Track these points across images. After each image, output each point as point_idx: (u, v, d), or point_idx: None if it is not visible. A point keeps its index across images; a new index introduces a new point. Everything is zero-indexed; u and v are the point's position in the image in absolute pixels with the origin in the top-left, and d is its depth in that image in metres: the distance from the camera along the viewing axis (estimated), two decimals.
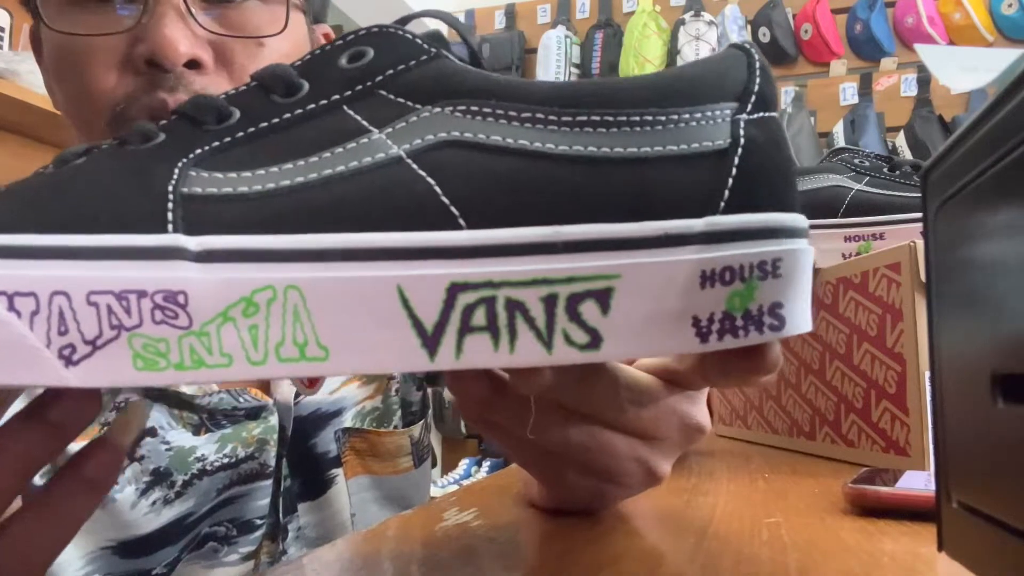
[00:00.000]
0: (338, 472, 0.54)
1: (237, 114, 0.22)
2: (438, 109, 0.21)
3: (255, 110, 0.22)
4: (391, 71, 0.23)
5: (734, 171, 0.21)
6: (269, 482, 0.50)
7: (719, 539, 0.28)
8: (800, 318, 0.21)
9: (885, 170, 0.60)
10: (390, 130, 0.21)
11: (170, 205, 0.19)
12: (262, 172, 0.20)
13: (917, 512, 0.31)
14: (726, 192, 0.21)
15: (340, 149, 0.20)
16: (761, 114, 0.22)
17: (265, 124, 0.21)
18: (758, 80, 0.22)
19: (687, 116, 0.21)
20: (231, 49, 0.45)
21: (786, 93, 2.58)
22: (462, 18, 3.33)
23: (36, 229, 0.18)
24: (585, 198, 0.20)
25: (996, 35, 2.42)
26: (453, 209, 0.19)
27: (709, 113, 0.22)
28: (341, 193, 0.19)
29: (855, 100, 2.52)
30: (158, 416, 0.48)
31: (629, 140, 0.21)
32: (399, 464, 0.57)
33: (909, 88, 2.48)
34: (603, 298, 0.20)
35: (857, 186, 0.59)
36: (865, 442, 0.49)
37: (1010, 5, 2.37)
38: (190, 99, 0.22)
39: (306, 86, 0.23)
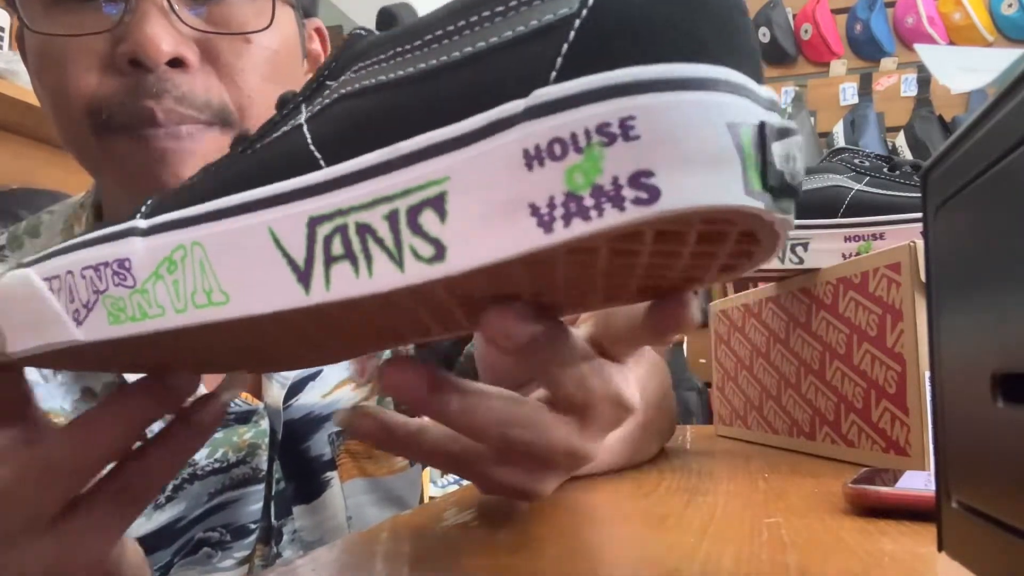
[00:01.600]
0: (333, 475, 0.54)
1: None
2: (344, 77, 0.23)
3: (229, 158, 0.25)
4: (333, 63, 0.24)
5: (571, 35, 0.19)
6: (261, 486, 0.50)
7: (719, 539, 0.28)
8: (692, 189, 0.17)
9: (885, 170, 0.60)
10: (312, 110, 0.23)
11: (143, 209, 0.24)
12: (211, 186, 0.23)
13: (917, 512, 0.31)
14: (558, 60, 0.18)
15: (269, 138, 0.23)
16: None
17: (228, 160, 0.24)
18: None
19: (519, 3, 0.20)
20: (216, 47, 0.44)
21: (786, 93, 2.58)
22: None
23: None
24: (419, 113, 0.20)
25: (996, 35, 2.42)
26: (316, 154, 0.21)
27: None
28: (249, 166, 0.23)
29: (855, 100, 2.53)
30: None
31: (466, 42, 0.20)
32: (394, 463, 0.57)
33: (909, 88, 2.48)
34: (438, 204, 0.19)
35: (857, 186, 0.59)
36: (865, 442, 0.49)
37: (1010, 5, 2.37)
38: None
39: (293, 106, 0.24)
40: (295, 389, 0.52)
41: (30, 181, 1.63)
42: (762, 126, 0.18)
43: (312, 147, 0.21)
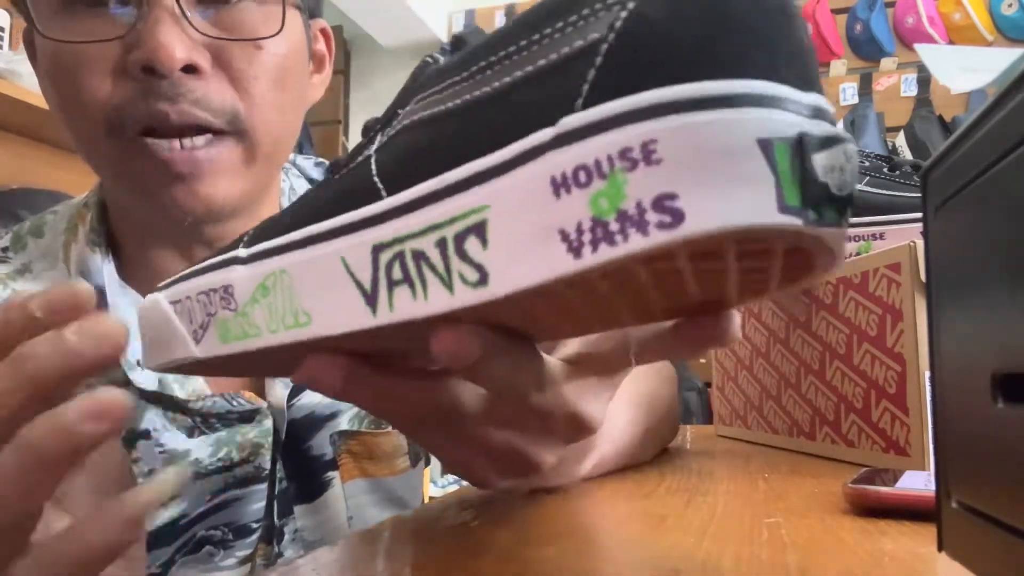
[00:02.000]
0: (334, 475, 0.54)
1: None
2: (408, 107, 0.24)
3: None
4: (405, 91, 0.25)
5: (598, 60, 0.19)
6: (264, 486, 0.50)
7: (719, 539, 0.28)
8: (717, 211, 0.17)
9: (885, 170, 0.60)
10: (382, 140, 0.24)
11: (245, 238, 0.26)
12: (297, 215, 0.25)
13: (917, 512, 0.31)
14: (584, 87, 0.19)
15: (351, 165, 0.25)
16: None
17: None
18: None
19: (562, 25, 0.20)
20: (228, 53, 0.44)
21: None
22: (462, 18, 3.33)
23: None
24: (463, 143, 0.20)
25: (996, 35, 2.42)
26: (379, 184, 0.22)
27: (589, 11, 0.19)
28: (329, 194, 0.24)
29: (855, 100, 2.52)
30: (152, 418, 0.48)
31: (505, 72, 0.21)
32: (396, 465, 0.57)
33: (909, 88, 2.48)
34: (480, 232, 0.20)
35: (857, 186, 0.59)
36: (865, 442, 0.49)
37: (1010, 5, 2.37)
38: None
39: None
40: (298, 388, 0.52)
41: (30, 181, 1.63)
42: (800, 138, 0.18)
43: (376, 177, 0.23)
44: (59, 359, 0.24)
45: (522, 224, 0.19)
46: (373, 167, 0.23)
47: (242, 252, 0.26)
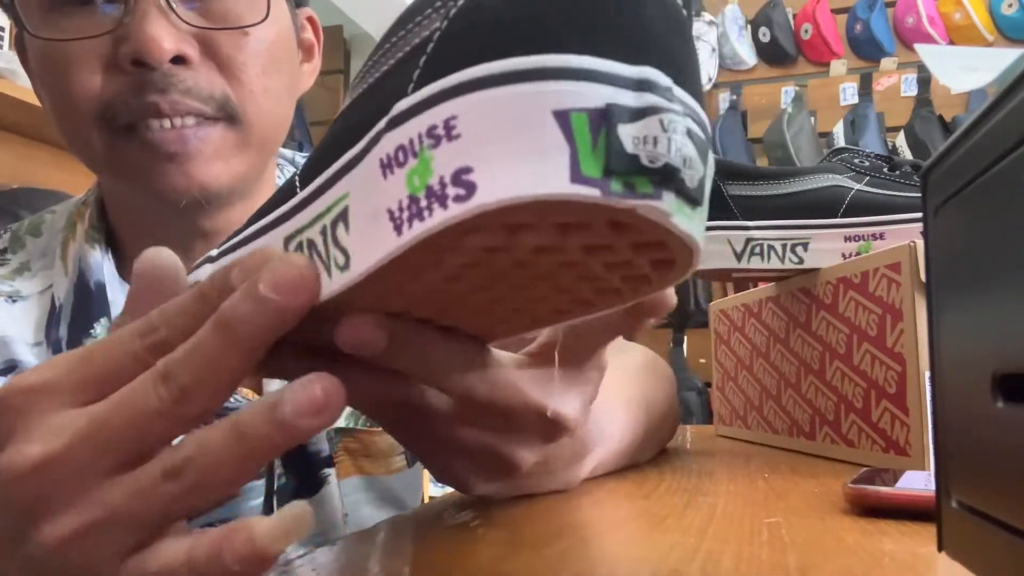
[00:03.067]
0: (330, 472, 0.54)
1: None
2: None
3: None
4: None
5: (430, 48, 0.19)
6: (262, 482, 0.50)
7: (719, 539, 0.28)
8: (506, 182, 0.17)
9: (885, 170, 0.60)
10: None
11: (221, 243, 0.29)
12: None
13: (917, 512, 0.31)
14: (416, 73, 0.19)
15: None
16: None
17: None
18: None
19: (419, 18, 0.20)
20: (216, 41, 0.45)
21: (786, 93, 2.58)
22: None
23: None
24: (344, 136, 0.22)
25: (996, 35, 2.42)
26: (297, 181, 0.24)
27: (440, 3, 0.20)
28: (273, 197, 0.26)
29: (855, 100, 2.53)
30: None
31: (374, 69, 0.22)
32: (392, 463, 0.57)
33: (909, 88, 2.48)
34: (345, 218, 0.21)
35: (857, 186, 0.59)
36: (865, 442, 0.49)
37: (1010, 5, 2.37)
38: None
39: None
40: None
41: (30, 181, 1.63)
42: (607, 109, 0.17)
43: (296, 176, 0.24)
44: (265, 318, 0.21)
45: (366, 207, 0.20)
46: (300, 167, 0.25)
47: (214, 252, 0.28)
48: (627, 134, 0.17)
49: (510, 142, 0.17)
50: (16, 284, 0.50)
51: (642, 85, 0.18)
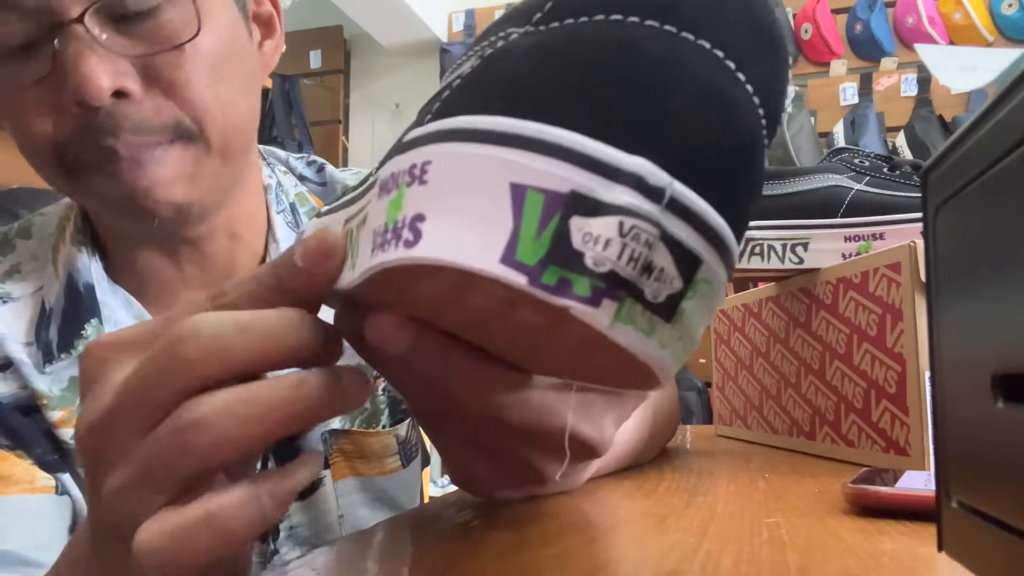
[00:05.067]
0: (325, 474, 0.54)
1: None
2: None
3: None
4: None
5: (456, 83, 0.19)
6: None
7: (719, 539, 0.28)
8: (460, 245, 0.17)
9: (885, 170, 0.60)
10: None
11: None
12: None
13: (917, 512, 0.31)
14: (435, 106, 0.19)
15: None
16: (543, 26, 0.18)
17: None
18: None
19: (476, 48, 0.21)
20: (155, 65, 0.43)
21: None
22: (462, 18, 3.33)
23: None
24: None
25: (996, 35, 2.42)
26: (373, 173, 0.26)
27: (493, 37, 0.20)
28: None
29: (855, 100, 2.53)
30: None
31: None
32: (386, 465, 0.57)
33: (909, 88, 2.48)
34: (364, 222, 0.22)
35: (857, 186, 0.59)
36: (865, 442, 0.49)
37: (1010, 5, 2.38)
38: None
39: None
40: None
41: (30, 181, 1.63)
42: (569, 196, 0.16)
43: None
44: (298, 281, 0.23)
45: (370, 221, 0.20)
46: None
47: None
48: (578, 228, 0.16)
49: (464, 202, 0.17)
50: (6, 286, 0.50)
51: (624, 178, 0.16)
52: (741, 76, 0.17)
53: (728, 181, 0.17)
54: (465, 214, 0.17)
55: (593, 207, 0.16)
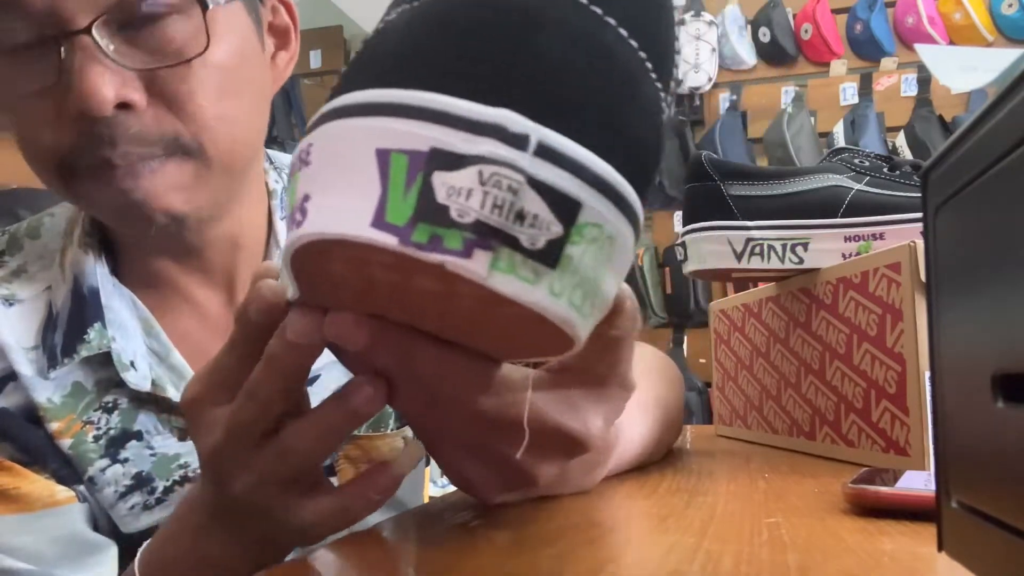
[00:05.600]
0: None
1: None
2: None
3: None
4: None
5: (346, 66, 0.20)
6: None
7: (719, 539, 0.28)
8: (335, 216, 0.17)
9: (885, 170, 0.60)
10: None
11: None
12: None
13: (917, 512, 0.31)
14: (335, 87, 0.20)
15: None
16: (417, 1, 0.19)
17: None
18: None
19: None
20: (160, 78, 0.43)
21: (786, 93, 2.58)
22: None
23: None
24: None
25: (996, 35, 2.42)
26: None
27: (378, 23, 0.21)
28: None
29: (855, 100, 2.53)
30: (145, 420, 0.48)
31: None
32: None
33: (909, 88, 2.48)
34: None
35: (857, 186, 0.59)
36: (865, 442, 0.49)
37: (1010, 5, 2.37)
38: None
39: None
40: None
41: (30, 181, 1.63)
42: (430, 153, 0.16)
43: None
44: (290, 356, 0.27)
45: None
46: None
47: None
48: (442, 182, 0.16)
49: (338, 176, 0.17)
50: (12, 287, 0.50)
51: (485, 130, 0.16)
52: (611, 20, 0.18)
53: (608, 128, 0.17)
54: (340, 186, 0.17)
55: (455, 161, 0.16)
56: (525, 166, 0.16)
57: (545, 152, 0.17)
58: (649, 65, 0.18)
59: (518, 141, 0.16)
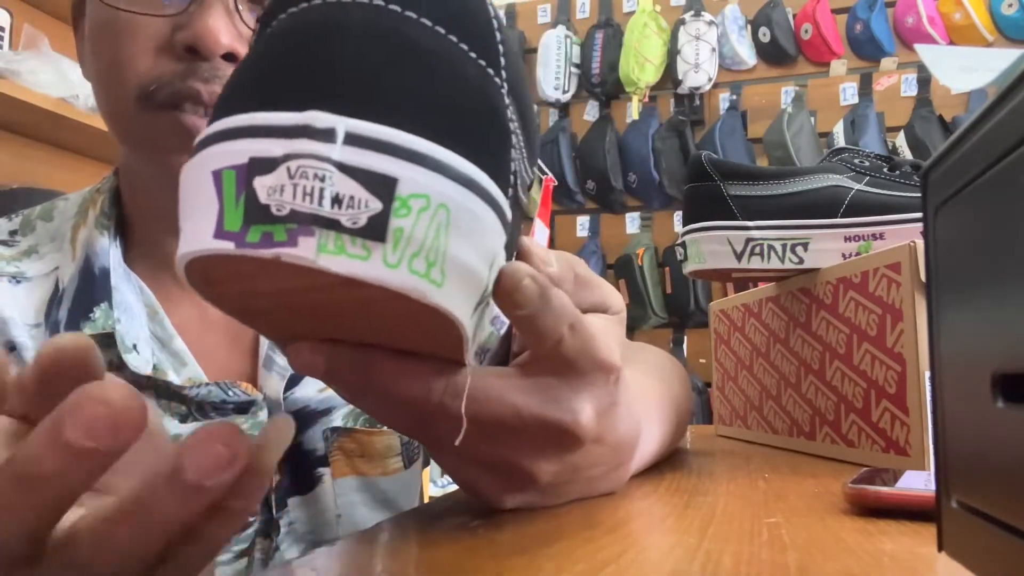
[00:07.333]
0: (325, 471, 0.54)
1: None
2: None
3: None
4: None
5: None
6: None
7: (719, 539, 0.28)
8: (189, 238, 0.19)
9: (885, 170, 0.60)
10: None
11: None
12: None
13: (917, 512, 0.31)
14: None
15: None
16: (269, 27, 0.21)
17: None
18: None
19: None
20: None
21: (786, 93, 2.58)
22: None
23: None
24: None
25: (996, 35, 2.42)
26: None
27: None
28: None
29: (855, 100, 2.52)
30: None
31: None
32: (389, 465, 0.57)
33: (909, 88, 2.48)
34: None
35: (857, 186, 0.59)
36: (865, 442, 0.49)
37: (1010, 5, 2.37)
38: None
39: None
40: (293, 380, 0.52)
41: (30, 181, 1.63)
42: (249, 163, 0.19)
43: None
44: (67, 469, 0.18)
45: None
46: None
47: None
48: (262, 185, 0.18)
49: (191, 203, 0.20)
50: (21, 266, 0.51)
51: (295, 132, 0.19)
52: (411, 14, 0.20)
53: (418, 106, 0.19)
54: (191, 211, 0.20)
55: (269, 165, 0.19)
56: (334, 155, 0.18)
57: (355, 140, 0.19)
58: (464, 46, 0.21)
59: (326, 135, 0.19)
